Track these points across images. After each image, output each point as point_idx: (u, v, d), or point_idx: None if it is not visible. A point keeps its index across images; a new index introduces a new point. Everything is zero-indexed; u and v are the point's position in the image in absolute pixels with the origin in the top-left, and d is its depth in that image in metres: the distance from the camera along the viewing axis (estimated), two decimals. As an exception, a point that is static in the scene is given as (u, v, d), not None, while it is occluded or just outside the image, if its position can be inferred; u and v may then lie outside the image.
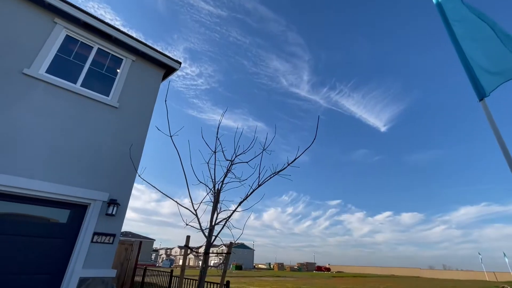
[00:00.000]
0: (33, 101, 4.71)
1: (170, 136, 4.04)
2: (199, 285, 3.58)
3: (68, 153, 4.79)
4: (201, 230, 3.90)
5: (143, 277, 7.86)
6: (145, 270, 8.00)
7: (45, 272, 4.17)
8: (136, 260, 8.26)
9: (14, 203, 4.23)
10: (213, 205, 4.13)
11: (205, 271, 3.67)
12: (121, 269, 7.82)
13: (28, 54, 4.91)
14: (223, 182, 4.31)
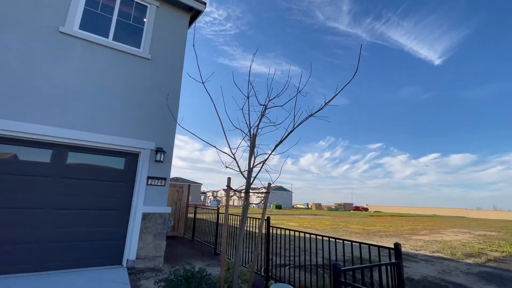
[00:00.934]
0: (74, 58, 4.95)
1: (202, 83, 4.02)
2: (242, 219, 3.95)
3: (112, 107, 5.15)
4: (240, 172, 4.12)
5: (194, 214, 9.00)
6: (196, 209, 9.11)
7: (115, 208, 4.97)
8: (187, 200, 9.38)
9: (84, 154, 4.87)
10: (250, 149, 4.25)
11: (247, 208, 4.00)
12: (175, 207, 9.01)
13: (60, 10, 4.98)
14: (258, 127, 4.32)
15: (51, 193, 4.45)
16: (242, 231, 3.92)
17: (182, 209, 9.20)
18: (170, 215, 8.81)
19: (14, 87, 4.35)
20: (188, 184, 9.90)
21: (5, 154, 4.32)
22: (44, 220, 4.34)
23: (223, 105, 4.12)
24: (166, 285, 3.23)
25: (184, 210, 9.23)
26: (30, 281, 3.79)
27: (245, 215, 3.97)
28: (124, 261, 4.80)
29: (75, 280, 3.92)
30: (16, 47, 4.49)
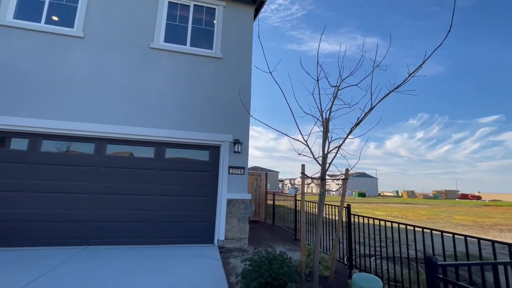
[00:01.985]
0: (162, 68, 5.81)
1: (270, 73, 4.08)
2: (319, 207, 3.89)
3: (194, 106, 5.82)
4: (314, 159, 4.04)
5: (273, 200, 9.42)
6: (274, 195, 9.51)
7: (204, 195, 5.69)
8: (265, 187, 9.89)
9: (176, 149, 5.74)
10: (323, 135, 4.10)
11: (323, 195, 3.91)
12: (255, 194, 9.64)
13: (150, 29, 5.88)
14: (330, 110, 4.11)
15: (156, 182, 5.45)
16: (320, 219, 3.87)
17: (262, 196, 9.73)
18: (251, 201, 9.46)
19: (125, 99, 5.46)
20: (266, 173, 10.36)
21: (124, 153, 5.51)
22: (154, 205, 5.37)
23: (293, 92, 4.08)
24: (251, 264, 3.52)
25: (263, 196, 9.75)
26: (146, 250, 4.80)
27: (322, 202, 3.90)
28: (215, 240, 5.47)
29: (179, 253, 4.74)
30: (122, 65, 5.58)
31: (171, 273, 3.80)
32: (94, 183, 5.15)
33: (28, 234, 4.74)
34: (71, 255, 4.32)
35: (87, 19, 5.58)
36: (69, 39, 5.41)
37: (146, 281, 3.48)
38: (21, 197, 4.81)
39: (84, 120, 5.16)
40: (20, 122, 4.85)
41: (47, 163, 5.04)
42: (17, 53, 5.11)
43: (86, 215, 5.02)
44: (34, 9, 5.44)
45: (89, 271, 3.73)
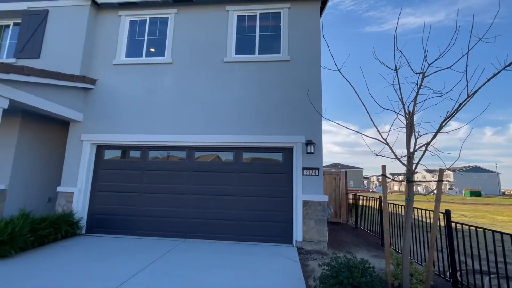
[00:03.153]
0: (235, 78, 6.29)
1: (338, 70, 3.86)
2: (407, 213, 3.44)
3: (265, 111, 6.05)
4: (397, 159, 3.59)
5: (355, 200, 8.78)
6: (356, 195, 8.85)
7: (281, 196, 5.85)
8: (345, 186, 9.32)
9: (252, 153, 6.13)
10: (407, 130, 3.60)
11: (411, 199, 3.43)
12: (334, 194, 9.22)
13: (222, 46, 6.48)
14: (415, 102, 3.58)
15: (236, 184, 5.95)
16: (408, 226, 3.42)
17: (342, 196, 9.23)
18: (330, 201, 9.10)
19: (206, 111, 6.18)
20: (345, 171, 9.77)
21: (209, 157, 6.24)
22: (236, 204, 5.88)
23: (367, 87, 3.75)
24: (329, 269, 3.43)
25: (343, 197, 9.22)
26: (231, 246, 5.30)
27: (410, 207, 3.43)
28: (293, 241, 5.55)
29: (259, 251, 5.04)
30: (201, 81, 6.34)
31: (252, 270, 4.09)
32: (187, 185, 6.05)
33: (143, 226, 5.98)
34: (174, 246, 5.22)
35: (174, 47, 6.60)
36: (162, 66, 6.53)
37: (228, 275, 3.87)
38: (137, 197, 6.12)
39: (176, 132, 6.12)
40: (135, 138, 6.17)
41: (153, 169, 6.23)
42: (128, 83, 6.52)
43: (183, 212, 5.95)
44: (138, 47, 6.82)
45: (186, 260, 4.42)
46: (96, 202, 6.20)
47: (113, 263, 4.18)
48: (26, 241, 4.45)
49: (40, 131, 6.72)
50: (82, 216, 5.95)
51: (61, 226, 5.24)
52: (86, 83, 6.32)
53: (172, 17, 6.75)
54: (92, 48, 6.77)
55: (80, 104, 6.37)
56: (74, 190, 6.02)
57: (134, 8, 6.86)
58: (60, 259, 4.27)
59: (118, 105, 6.41)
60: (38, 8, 6.87)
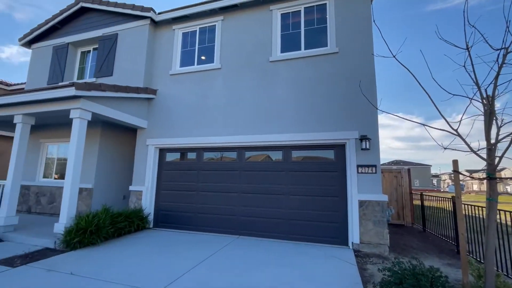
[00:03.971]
0: (281, 77, 6.25)
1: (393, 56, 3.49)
2: (489, 217, 2.90)
3: (314, 107, 5.85)
4: (473, 152, 3.06)
5: (421, 201, 7.80)
6: (422, 195, 7.86)
7: (333, 195, 5.59)
8: (409, 185, 8.36)
9: (301, 151, 6.02)
10: (485, 118, 3.04)
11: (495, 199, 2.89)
12: (395, 194, 8.36)
13: (267, 46, 6.52)
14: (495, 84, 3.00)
15: (286, 183, 5.91)
16: (491, 231, 2.88)
17: (405, 196, 8.33)
18: (391, 202, 8.31)
19: (253, 111, 6.30)
20: (408, 168, 8.79)
21: (258, 157, 6.35)
22: (286, 203, 5.84)
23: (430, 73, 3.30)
24: (391, 275, 3.13)
25: (407, 196, 8.31)
26: (282, 244, 5.27)
27: (493, 210, 2.89)
28: (349, 243, 5.24)
29: (311, 251, 4.89)
30: (248, 82, 6.49)
31: (304, 270, 4.00)
32: (239, 184, 6.26)
33: (200, 222, 6.41)
34: (228, 242, 5.46)
35: (222, 52, 6.92)
36: (212, 72, 6.90)
37: (281, 273, 3.85)
38: (195, 195, 6.59)
39: (226, 133, 6.39)
40: (191, 141, 6.67)
41: (208, 169, 6.63)
42: (183, 90, 7.08)
43: (235, 210, 6.18)
44: (190, 57, 7.36)
45: (240, 257, 4.57)
46: (160, 200, 6.90)
47: (175, 255, 4.59)
48: (108, 232, 5.22)
49: (114, 138, 7.80)
50: (150, 212, 6.69)
51: (133, 220, 5.99)
52: (149, 94, 7.10)
53: (219, 24, 7.08)
54: (152, 62, 7.57)
55: (144, 113, 7.19)
56: (142, 189, 6.81)
57: (185, 21, 7.42)
58: (133, 249, 4.88)
59: (176, 111, 7.02)
60: (110, 33, 8.00)
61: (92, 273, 3.68)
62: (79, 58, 8.91)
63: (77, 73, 8.78)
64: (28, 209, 7.82)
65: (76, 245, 4.69)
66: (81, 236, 4.74)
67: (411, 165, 44.06)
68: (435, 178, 60.79)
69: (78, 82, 5.15)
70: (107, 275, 3.62)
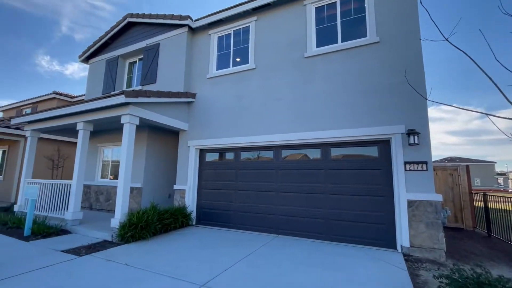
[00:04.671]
0: (318, 72, 6.06)
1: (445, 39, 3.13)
2: None
3: (353, 102, 5.54)
4: (554, 143, 2.58)
5: (484, 202, 6.86)
6: (485, 195, 6.91)
7: (377, 194, 5.22)
8: (468, 184, 7.41)
9: (341, 148, 5.76)
10: None
11: None
12: (452, 194, 7.48)
13: (301, 42, 6.39)
14: None
15: (325, 181, 5.70)
16: None
17: (463, 196, 7.43)
18: (446, 202, 7.49)
19: (289, 109, 6.22)
20: (466, 165, 7.82)
21: (296, 155, 6.24)
22: (325, 203, 5.63)
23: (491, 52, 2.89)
24: (449, 283, 2.80)
25: (466, 197, 7.40)
26: (322, 245, 5.07)
27: None
28: (397, 246, 4.84)
29: (353, 253, 4.63)
30: (283, 80, 6.41)
31: (347, 272, 3.80)
32: (276, 183, 6.24)
33: (239, 221, 6.53)
34: (267, 241, 5.46)
35: (256, 52, 6.97)
36: (247, 73, 7.00)
37: (322, 275, 3.71)
38: (233, 194, 6.74)
39: (262, 133, 6.41)
40: (228, 141, 6.84)
41: (245, 169, 6.73)
42: (220, 93, 7.30)
43: (273, 209, 6.16)
44: (225, 59, 7.56)
45: (279, 256, 4.53)
46: (202, 198, 7.21)
47: (217, 251, 4.74)
48: (156, 227, 5.62)
49: (159, 140, 8.38)
50: (192, 210, 7.03)
51: (178, 217, 6.35)
52: (188, 98, 7.47)
53: (253, 25, 7.15)
54: (191, 67, 7.96)
55: (185, 116, 7.58)
56: (185, 188, 7.19)
57: (220, 25, 7.65)
58: (178, 244, 5.17)
59: (213, 113, 7.28)
60: (152, 44, 8.63)
61: (143, 264, 3.99)
62: (127, 69, 9.78)
63: (126, 83, 9.64)
64: (89, 206, 8.81)
65: (129, 239, 5.13)
66: (133, 231, 5.18)
67: (469, 162, 39.25)
68: (501, 177, 53.20)
69: (127, 90, 5.64)
70: (156, 267, 3.89)
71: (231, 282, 3.45)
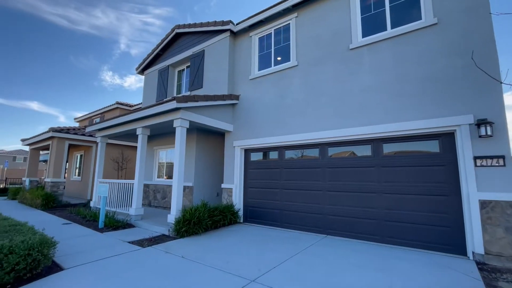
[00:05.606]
0: (364, 64, 5.69)
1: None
2: None
3: (407, 93, 5.06)
4: None
5: None
6: None
7: (439, 194, 4.67)
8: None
9: (395, 143, 5.32)
10: None
11: None
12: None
13: (345, 33, 6.08)
14: None
15: (377, 180, 5.31)
16: None
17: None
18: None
19: (335, 104, 5.97)
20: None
21: (343, 153, 5.97)
22: (378, 202, 5.24)
23: None
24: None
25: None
26: (375, 247, 4.72)
27: None
28: (468, 253, 4.26)
29: (414, 257, 4.20)
30: (327, 75, 6.18)
31: (407, 279, 3.47)
32: (323, 182, 6.04)
33: (286, 219, 6.49)
34: (315, 241, 5.32)
35: (297, 49, 6.87)
36: (289, 71, 6.94)
37: (376, 279, 3.46)
38: (278, 193, 6.74)
39: (307, 130, 6.28)
40: (272, 140, 6.88)
41: (290, 167, 6.67)
42: (262, 93, 7.38)
43: (321, 209, 5.98)
44: (267, 59, 7.62)
45: (328, 256, 4.37)
46: (248, 196, 7.38)
47: (264, 249, 4.79)
48: (207, 223, 5.93)
49: (207, 142, 8.83)
50: (239, 208, 7.24)
51: (226, 214, 6.61)
52: (232, 100, 7.72)
53: (293, 21, 7.06)
54: (234, 70, 8.22)
55: (230, 117, 7.86)
56: (232, 187, 7.45)
57: (261, 25, 7.74)
58: (228, 240, 5.38)
59: (256, 113, 7.39)
60: (198, 51, 9.15)
61: (197, 258, 4.25)
62: (177, 76, 10.55)
63: (176, 89, 10.41)
64: (148, 203, 9.74)
65: (183, 234, 5.53)
66: (187, 226, 5.56)
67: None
68: None
69: (177, 96, 6.09)
70: (208, 260, 4.11)
71: (281, 279, 3.45)
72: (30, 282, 3.28)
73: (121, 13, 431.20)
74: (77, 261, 4.02)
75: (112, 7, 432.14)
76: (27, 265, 3.27)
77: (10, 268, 3.11)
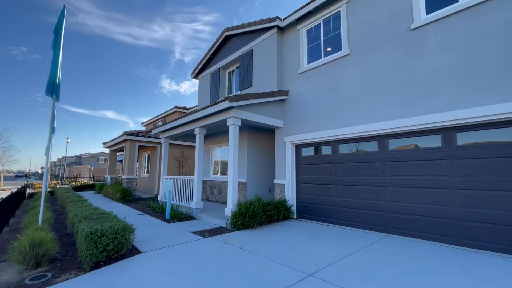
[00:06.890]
0: (429, 44, 5.05)
1: None
2: None
3: (484, 71, 4.30)
4: None
5: None
6: None
7: (539, 190, 3.87)
8: None
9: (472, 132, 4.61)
10: None
11: None
12: None
13: (405, 11, 5.49)
14: None
15: (450, 174, 4.68)
16: None
17: None
18: None
19: (393, 93, 5.45)
20: None
21: (407, 146, 5.42)
22: (452, 200, 4.61)
23: None
24: None
25: None
26: (449, 250, 4.14)
27: None
28: None
29: (504, 263, 3.56)
30: (384, 61, 5.68)
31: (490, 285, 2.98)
32: (383, 177, 5.60)
33: (342, 216, 6.21)
34: (377, 239, 4.97)
35: (349, 37, 6.49)
36: (340, 60, 6.60)
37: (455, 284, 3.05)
38: (333, 188, 6.49)
39: (362, 122, 5.89)
40: (324, 134, 6.66)
41: (344, 162, 6.36)
42: (312, 86, 7.18)
43: (381, 205, 5.55)
44: (316, 51, 7.39)
45: (393, 255, 4.03)
46: (301, 192, 7.30)
47: (320, 245, 4.68)
48: (261, 218, 6.09)
49: (258, 138, 9.03)
50: (292, 203, 7.23)
51: (280, 209, 6.67)
52: (282, 96, 7.72)
53: (344, 8, 6.68)
54: (282, 65, 8.20)
55: (279, 113, 7.88)
56: (284, 182, 7.47)
57: (308, 17, 7.54)
58: (282, 235, 5.42)
59: (307, 107, 7.24)
60: (246, 51, 9.40)
61: (253, 249, 4.41)
62: (227, 78, 11.04)
63: (227, 90, 10.90)
64: (206, 198, 10.45)
65: (240, 227, 5.78)
66: (243, 220, 5.80)
67: None
68: None
69: (229, 96, 6.37)
70: (264, 253, 4.22)
71: (340, 275, 3.34)
72: (118, 261, 3.88)
73: (175, 24, 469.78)
74: (151, 246, 4.58)
75: (167, 20, 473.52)
76: (115, 246, 3.87)
77: (102, 248, 3.73)
